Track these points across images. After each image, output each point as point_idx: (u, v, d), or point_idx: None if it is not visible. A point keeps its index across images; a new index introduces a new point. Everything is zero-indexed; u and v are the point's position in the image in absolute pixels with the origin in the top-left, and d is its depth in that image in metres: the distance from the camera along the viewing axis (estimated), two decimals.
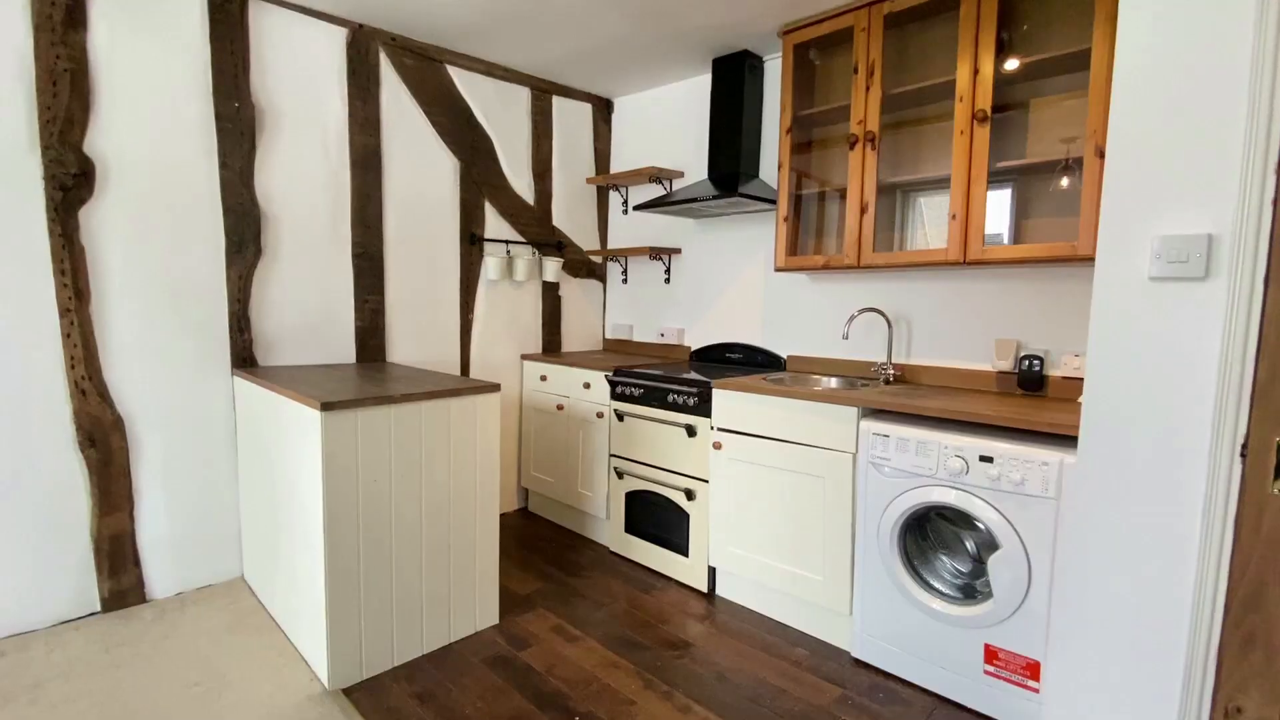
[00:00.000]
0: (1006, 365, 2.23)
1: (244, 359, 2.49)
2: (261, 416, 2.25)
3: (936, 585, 1.95)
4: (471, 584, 2.21)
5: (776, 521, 2.29)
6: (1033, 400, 2.09)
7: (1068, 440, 1.70)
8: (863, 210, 2.33)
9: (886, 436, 1.95)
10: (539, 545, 3.02)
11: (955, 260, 2.11)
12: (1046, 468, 1.66)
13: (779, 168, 2.57)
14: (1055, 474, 1.65)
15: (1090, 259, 1.86)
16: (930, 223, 2.45)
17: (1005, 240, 2.20)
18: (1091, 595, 1.45)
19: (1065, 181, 2.11)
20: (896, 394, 2.15)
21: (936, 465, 1.85)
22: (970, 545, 2.02)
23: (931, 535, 2.05)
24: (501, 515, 3.40)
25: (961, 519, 1.97)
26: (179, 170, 2.30)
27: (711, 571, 2.56)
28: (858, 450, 2.06)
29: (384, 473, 1.94)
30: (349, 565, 1.89)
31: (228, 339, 2.45)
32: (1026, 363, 2.18)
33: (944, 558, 2.04)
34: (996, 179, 2.13)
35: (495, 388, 2.19)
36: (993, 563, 1.76)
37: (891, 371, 2.47)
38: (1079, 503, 1.44)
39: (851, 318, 2.45)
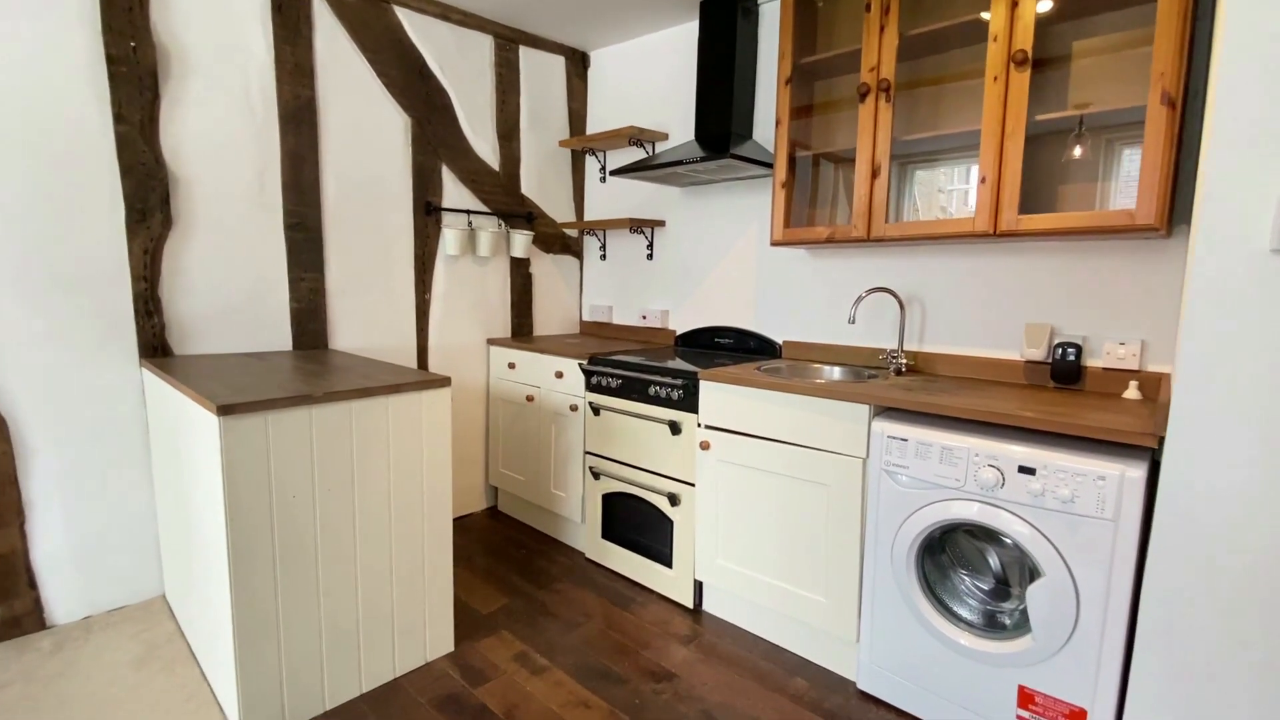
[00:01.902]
0: (1037, 354, 1.94)
1: (155, 347, 2.14)
2: (169, 414, 1.91)
3: (961, 613, 1.67)
4: (420, 608, 1.90)
5: (772, 533, 2.00)
6: (1069, 395, 1.80)
7: (1124, 450, 1.41)
8: (874, 173, 2.00)
9: (904, 440, 1.65)
10: (507, 551, 2.72)
11: (984, 231, 1.80)
12: (1103, 483, 1.37)
13: (776, 125, 2.23)
14: (1114, 490, 1.36)
15: (1151, 229, 1.56)
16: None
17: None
18: (1171, 637, 1.18)
19: (1078, 150, 1.82)
20: (912, 388, 1.85)
21: (965, 476, 1.55)
22: (994, 562, 1.74)
23: (948, 548, 1.76)
24: (468, 515, 3.09)
25: (985, 532, 1.68)
26: (62, 122, 1.92)
27: (698, 585, 2.28)
28: (869, 455, 1.76)
29: (305, 485, 1.62)
30: (263, 594, 1.58)
31: (133, 324, 2.09)
32: (1060, 351, 1.89)
33: (965, 576, 1.76)
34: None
35: (445, 381, 1.87)
36: (1033, 593, 1.47)
37: (903, 361, 2.17)
38: (1160, 525, 1.15)
39: (859, 299, 2.14)
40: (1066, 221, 1.67)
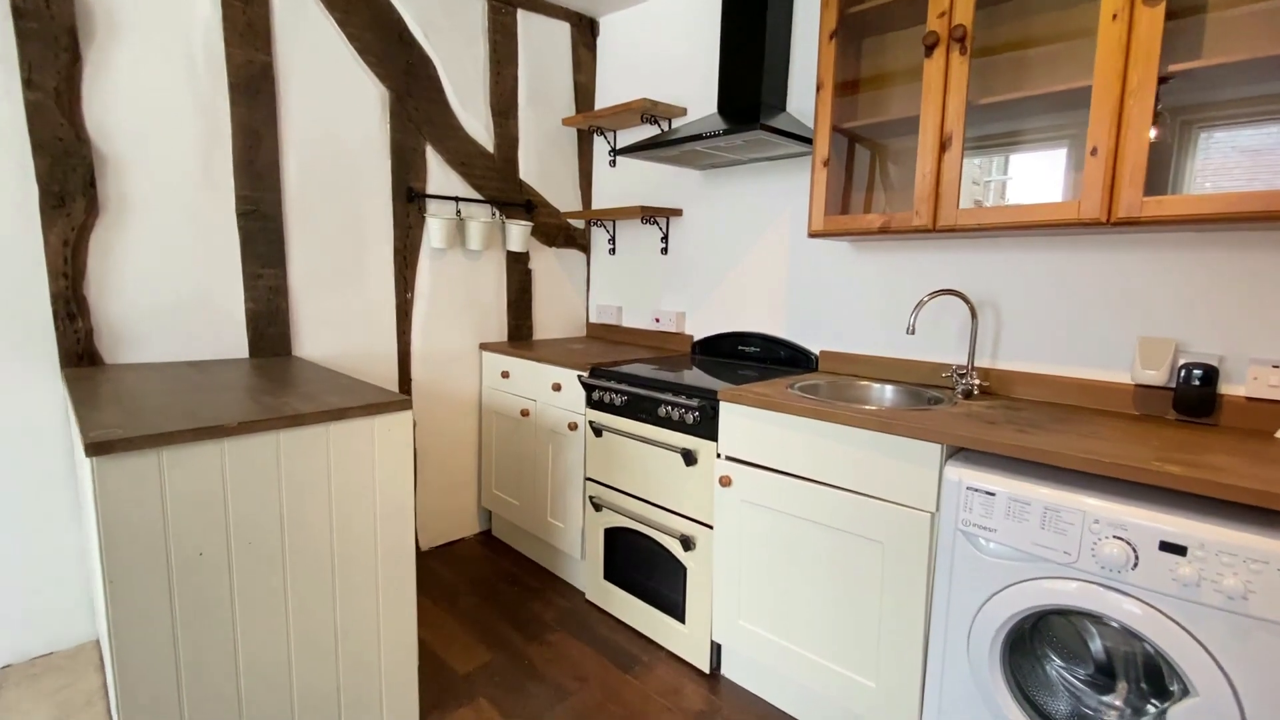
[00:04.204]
0: (1156, 376, 1.51)
1: (80, 355, 1.82)
2: (77, 436, 1.59)
3: (1055, 707, 1.27)
4: (374, 681, 1.56)
5: (808, 596, 1.61)
6: (1202, 433, 1.39)
7: None
8: (943, 146, 1.59)
9: (991, 494, 1.25)
10: (498, 587, 2.37)
11: (1093, 219, 1.38)
12: None
13: (818, 90, 1.83)
14: None
15: None
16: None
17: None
18: None
19: (1154, 132, 1.40)
20: (995, 420, 1.44)
21: (1079, 549, 1.15)
22: (1096, 646, 1.34)
23: (1038, 624, 1.36)
24: (459, 541, 2.75)
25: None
26: None
27: (716, 647, 1.90)
28: (939, 509, 1.36)
29: (216, 539, 1.28)
30: (158, 677, 1.24)
31: (52, 329, 1.78)
32: (1186, 373, 1.47)
33: (1058, 662, 1.36)
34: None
35: (403, 404, 1.51)
36: (1178, 717, 1.07)
37: (974, 380, 1.76)
38: None
39: (920, 303, 1.73)
40: (1218, 205, 1.25)
